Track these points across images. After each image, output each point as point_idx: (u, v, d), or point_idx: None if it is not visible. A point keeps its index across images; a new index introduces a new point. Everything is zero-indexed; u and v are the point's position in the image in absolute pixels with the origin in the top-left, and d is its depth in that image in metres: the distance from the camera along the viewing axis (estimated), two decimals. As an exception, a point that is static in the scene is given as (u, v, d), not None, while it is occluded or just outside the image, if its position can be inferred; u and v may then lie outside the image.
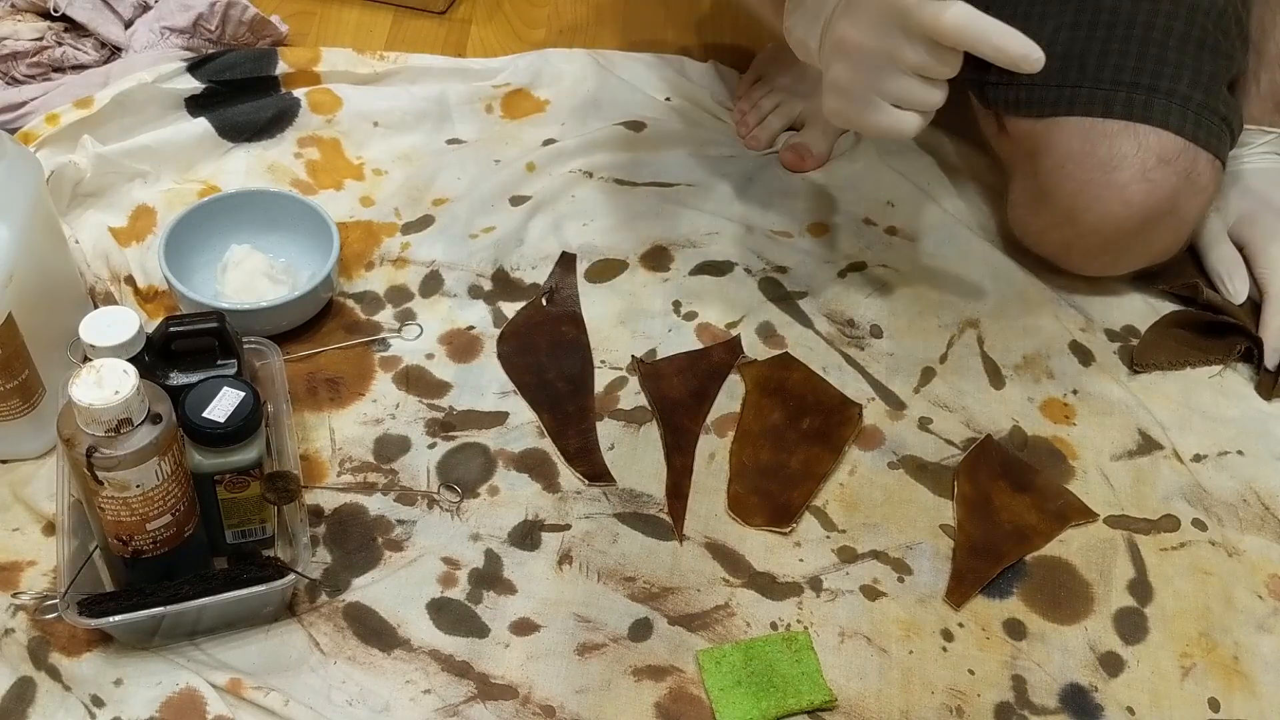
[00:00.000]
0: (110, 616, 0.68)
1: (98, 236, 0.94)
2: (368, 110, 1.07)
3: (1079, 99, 0.89)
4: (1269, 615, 0.79)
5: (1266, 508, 0.85)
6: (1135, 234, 0.90)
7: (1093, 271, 0.97)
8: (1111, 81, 0.89)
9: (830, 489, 0.84)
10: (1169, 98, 0.87)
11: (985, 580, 0.79)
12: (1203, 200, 0.90)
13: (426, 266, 0.97)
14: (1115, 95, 0.88)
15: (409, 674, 0.73)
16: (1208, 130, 0.88)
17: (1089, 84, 0.89)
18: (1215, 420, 0.91)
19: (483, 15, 1.23)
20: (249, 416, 0.69)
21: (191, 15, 1.09)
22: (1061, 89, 0.90)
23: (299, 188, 1.02)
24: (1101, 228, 0.90)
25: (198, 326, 0.75)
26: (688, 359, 0.92)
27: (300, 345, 0.90)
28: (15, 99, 1.03)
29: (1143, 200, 0.87)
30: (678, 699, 0.73)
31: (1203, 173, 0.88)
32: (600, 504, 0.82)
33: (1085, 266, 0.97)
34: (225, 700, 0.70)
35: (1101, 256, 0.95)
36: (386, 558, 0.78)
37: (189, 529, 0.70)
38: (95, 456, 0.63)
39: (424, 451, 0.84)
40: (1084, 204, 0.89)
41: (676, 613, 0.77)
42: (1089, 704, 0.74)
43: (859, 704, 0.73)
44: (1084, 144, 0.88)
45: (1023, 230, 0.98)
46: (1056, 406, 0.91)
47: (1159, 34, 0.89)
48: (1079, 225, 0.91)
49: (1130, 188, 0.87)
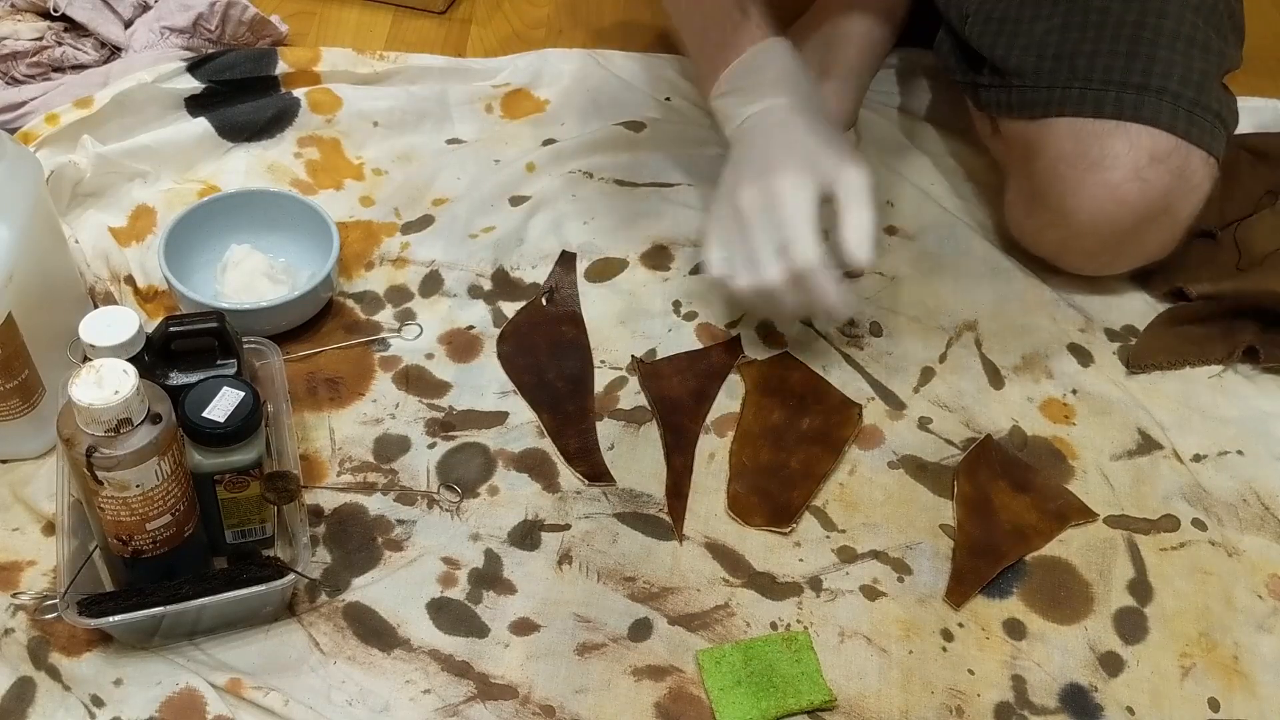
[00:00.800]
0: (110, 616, 0.68)
1: (98, 236, 0.94)
2: (368, 110, 1.07)
3: (1070, 99, 0.89)
4: (1269, 615, 0.79)
5: (1266, 508, 0.85)
6: (1130, 233, 0.90)
7: (1090, 271, 0.98)
8: (1102, 81, 0.89)
9: (830, 489, 0.84)
10: (1159, 96, 0.87)
11: (985, 580, 0.79)
12: (1197, 198, 0.90)
13: (426, 266, 0.97)
14: (1105, 95, 0.88)
15: (409, 674, 0.73)
16: (1200, 127, 0.88)
17: (1079, 84, 0.89)
18: (1215, 420, 0.91)
19: (483, 15, 1.23)
20: (249, 416, 0.69)
21: (191, 15, 1.09)
22: (1052, 90, 0.90)
23: (299, 188, 1.02)
24: (1096, 227, 0.90)
25: (198, 326, 0.75)
26: (688, 359, 0.92)
27: (300, 345, 0.90)
28: (15, 99, 1.03)
29: (1136, 199, 0.87)
30: (678, 699, 0.73)
31: (1196, 170, 0.88)
32: (600, 504, 0.82)
33: (1082, 266, 0.97)
34: (225, 700, 0.70)
35: (1098, 256, 0.95)
36: (386, 558, 0.78)
37: (189, 529, 0.70)
38: (95, 456, 0.63)
39: (424, 451, 0.84)
40: (1077, 204, 0.89)
41: (676, 613, 0.77)
42: (1089, 704, 0.74)
43: (859, 704, 0.73)
44: (1076, 144, 0.88)
45: (1019, 231, 0.98)
46: (1056, 406, 0.91)
47: (1149, 33, 0.89)
48: (1073, 225, 0.91)
49: (1123, 187, 0.87)
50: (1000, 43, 0.94)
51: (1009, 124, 0.94)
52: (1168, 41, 0.89)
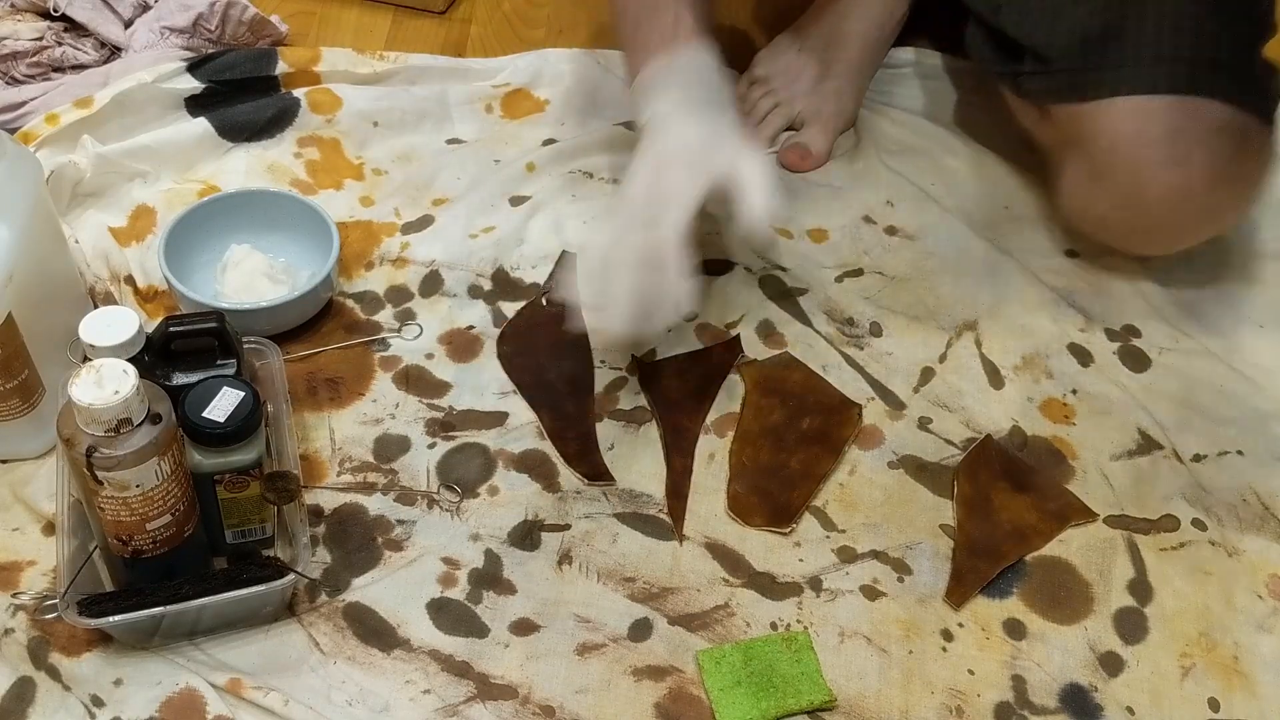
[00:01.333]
0: (110, 616, 0.68)
1: (98, 236, 0.94)
2: (368, 110, 1.07)
3: (1123, 79, 0.89)
4: (1269, 615, 0.79)
5: (1266, 508, 0.85)
6: (1203, 207, 0.90)
7: (1156, 250, 0.97)
8: (1152, 58, 0.88)
9: (830, 489, 0.84)
10: (1211, 68, 0.87)
11: (985, 580, 0.79)
12: (1263, 165, 0.90)
13: (426, 266, 0.97)
14: (1158, 71, 0.88)
15: (409, 674, 0.73)
16: (1254, 96, 0.88)
17: (1129, 63, 0.89)
18: (1215, 420, 0.91)
19: (483, 15, 1.23)
20: (249, 416, 0.69)
21: (191, 15, 1.09)
22: (1102, 71, 0.90)
23: (299, 187, 1.02)
24: (1168, 205, 0.89)
25: (198, 326, 0.75)
26: (688, 359, 0.92)
27: (300, 345, 0.90)
28: (15, 99, 1.03)
29: (1205, 171, 0.87)
30: (678, 699, 0.73)
31: (1255, 137, 0.88)
32: (600, 504, 0.82)
33: (1148, 246, 0.97)
34: (225, 700, 0.70)
35: (1167, 233, 0.94)
36: (386, 558, 0.78)
37: (189, 529, 0.70)
38: (95, 456, 0.63)
39: (424, 451, 0.84)
40: (1146, 183, 0.88)
41: (676, 613, 0.77)
42: (1089, 704, 0.74)
43: (859, 704, 0.73)
44: (1137, 124, 0.88)
45: (1080, 216, 0.98)
46: (1056, 406, 0.91)
47: (1191, 5, 0.89)
48: (1143, 204, 0.90)
49: (1190, 161, 0.87)
50: (1041, 29, 0.93)
51: (1059, 109, 0.93)
52: (1210, 13, 0.89)
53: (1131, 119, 0.88)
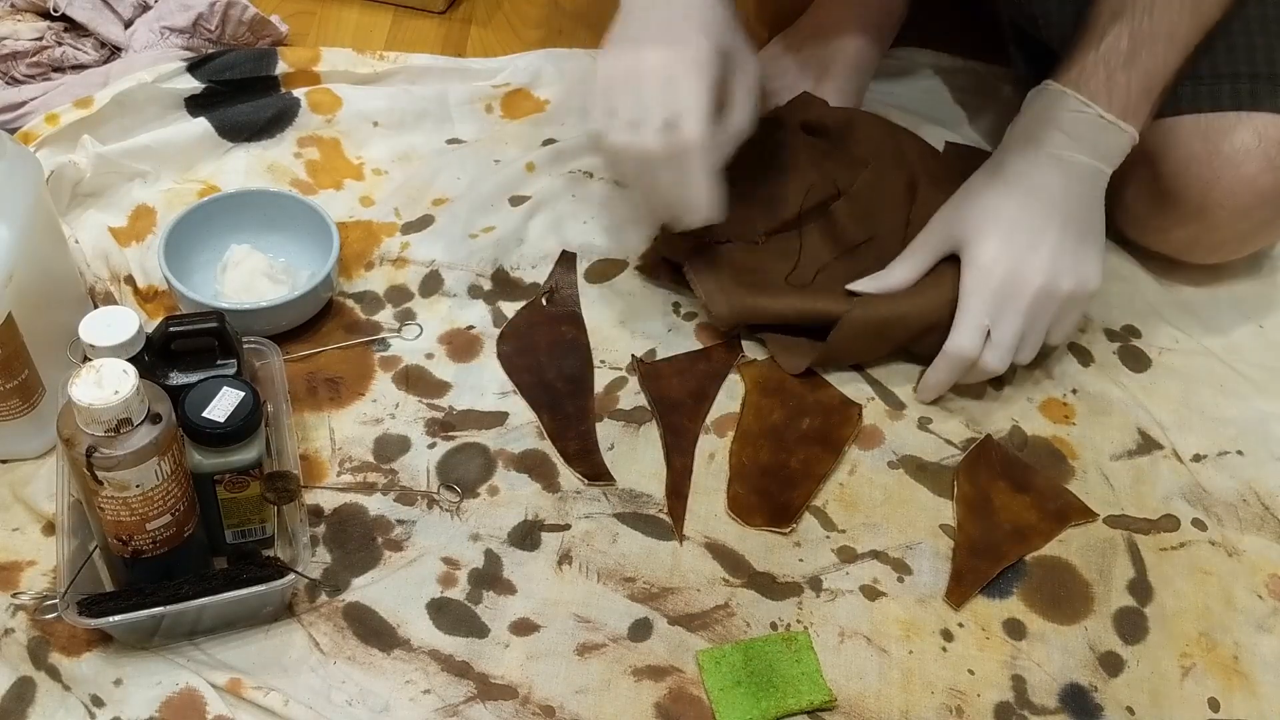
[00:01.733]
0: (110, 616, 0.68)
1: (98, 236, 0.94)
2: (368, 110, 1.07)
3: (1184, 96, 0.90)
4: (1269, 615, 0.79)
5: (1266, 508, 0.85)
6: (1267, 221, 0.92)
7: (1216, 259, 0.99)
8: (1213, 75, 0.89)
9: (830, 489, 0.84)
10: (1273, 82, 0.88)
11: (985, 580, 0.79)
12: None
13: (426, 266, 0.97)
14: (1220, 88, 0.89)
15: (409, 674, 0.73)
16: None
17: (1191, 80, 0.90)
18: (1215, 420, 0.91)
19: (483, 15, 1.23)
20: (249, 416, 0.69)
21: (191, 15, 1.09)
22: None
23: (299, 187, 1.02)
24: (1235, 220, 0.91)
25: (197, 326, 0.75)
26: (688, 359, 0.92)
27: (300, 345, 0.90)
28: (15, 99, 1.03)
29: (1273, 187, 0.88)
30: (678, 699, 0.73)
31: None
32: (600, 504, 0.82)
33: (1208, 257, 0.98)
34: (225, 700, 0.70)
35: (1229, 245, 0.96)
36: (386, 558, 0.78)
37: (189, 529, 0.70)
38: (95, 456, 0.63)
39: (424, 451, 0.84)
40: (1215, 200, 0.90)
41: (676, 613, 0.77)
42: (1089, 704, 0.74)
43: (859, 704, 0.73)
44: (1205, 143, 0.89)
45: (1142, 230, 0.99)
46: (1056, 406, 0.91)
47: (1241, 23, 0.90)
48: (1210, 221, 0.92)
49: (1260, 179, 0.88)
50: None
51: None
52: (1261, 27, 0.90)
53: (1198, 138, 0.90)
